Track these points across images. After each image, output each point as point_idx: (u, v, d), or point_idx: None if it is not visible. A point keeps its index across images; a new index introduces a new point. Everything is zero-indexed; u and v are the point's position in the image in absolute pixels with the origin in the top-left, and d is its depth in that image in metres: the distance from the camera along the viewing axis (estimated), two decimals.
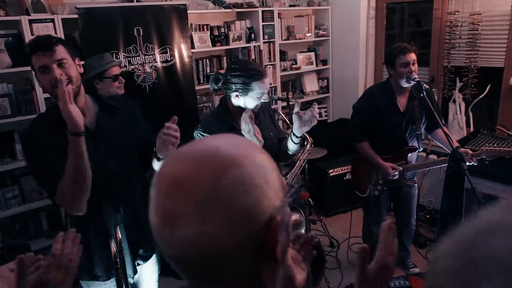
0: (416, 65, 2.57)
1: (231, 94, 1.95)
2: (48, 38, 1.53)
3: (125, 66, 3.11)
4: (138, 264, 1.87)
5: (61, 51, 1.52)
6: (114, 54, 2.99)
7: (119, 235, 1.53)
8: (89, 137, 1.62)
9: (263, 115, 2.15)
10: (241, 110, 1.99)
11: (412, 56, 2.56)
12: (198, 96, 3.79)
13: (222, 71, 2.06)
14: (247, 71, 1.90)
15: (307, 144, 2.32)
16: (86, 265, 1.78)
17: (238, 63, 2.02)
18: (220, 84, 2.03)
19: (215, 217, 0.53)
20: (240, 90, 1.91)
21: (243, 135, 1.99)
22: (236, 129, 1.99)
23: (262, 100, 1.96)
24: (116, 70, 2.48)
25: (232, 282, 0.58)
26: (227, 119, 2.02)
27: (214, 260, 0.55)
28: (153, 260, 1.97)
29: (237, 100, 1.96)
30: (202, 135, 1.96)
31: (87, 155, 1.48)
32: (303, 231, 2.20)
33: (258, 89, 1.90)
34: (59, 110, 1.48)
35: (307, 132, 2.15)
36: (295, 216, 2.07)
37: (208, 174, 0.54)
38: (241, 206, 0.54)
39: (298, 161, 2.30)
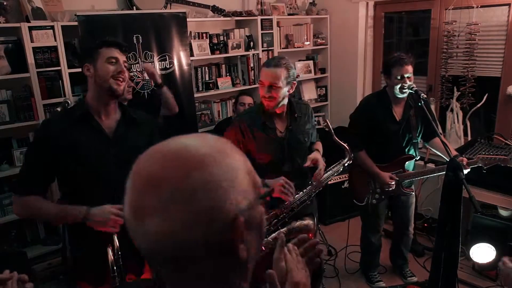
0: (412, 77, 2.59)
1: None
2: (125, 44, 1.75)
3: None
4: (130, 279, 1.84)
5: (126, 57, 1.75)
6: None
7: (117, 243, 1.52)
8: (104, 141, 1.66)
9: (304, 119, 2.27)
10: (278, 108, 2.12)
11: (409, 69, 2.57)
12: (197, 104, 3.80)
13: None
14: None
15: (346, 156, 2.31)
16: (85, 269, 1.78)
17: None
18: None
19: (175, 215, 0.55)
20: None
21: (276, 132, 2.15)
22: (268, 127, 2.14)
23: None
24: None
25: (197, 276, 0.60)
26: (262, 115, 2.14)
27: (172, 256, 0.58)
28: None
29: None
30: (233, 124, 2.16)
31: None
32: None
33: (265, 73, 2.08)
34: (86, 107, 1.68)
35: (348, 145, 2.23)
36: (306, 221, 2.10)
37: (174, 173, 0.56)
38: (201, 206, 0.56)
39: (330, 171, 2.29)
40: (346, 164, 2.29)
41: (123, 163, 1.67)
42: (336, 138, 2.20)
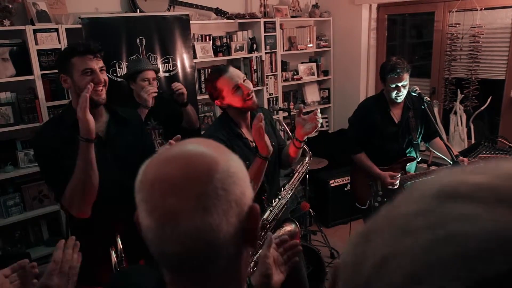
0: (407, 85, 2.57)
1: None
2: (97, 46, 1.66)
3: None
4: None
5: (102, 60, 1.68)
6: (117, 63, 3.02)
7: (120, 244, 1.53)
8: (97, 144, 1.67)
9: (265, 124, 2.14)
10: (240, 115, 2.01)
11: (404, 77, 2.53)
12: (200, 106, 3.81)
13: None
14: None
15: (306, 156, 2.31)
16: (88, 272, 1.79)
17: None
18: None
19: (215, 208, 0.58)
20: (215, 97, 1.93)
21: (250, 143, 2.03)
22: (243, 137, 2.02)
23: (248, 92, 1.91)
24: (151, 74, 2.61)
25: (218, 271, 0.63)
26: (233, 127, 2.01)
27: (213, 249, 0.59)
28: None
29: (225, 106, 1.95)
30: None
31: (95, 162, 1.56)
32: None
33: (228, 82, 1.89)
34: (75, 115, 1.59)
35: (307, 145, 2.16)
36: (289, 227, 2.04)
37: (201, 171, 0.59)
38: (233, 195, 0.60)
39: (297, 173, 2.28)
40: (308, 164, 2.25)
41: (118, 162, 1.69)
42: (294, 139, 2.18)
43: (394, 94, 2.58)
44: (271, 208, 1.99)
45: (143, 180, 0.61)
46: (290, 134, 2.18)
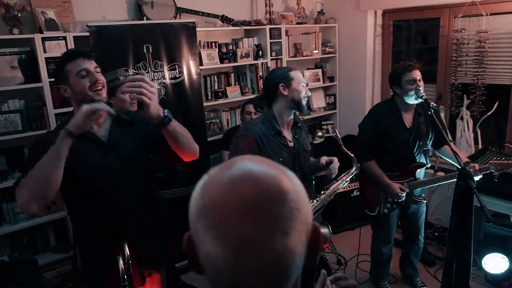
0: (422, 81, 2.59)
1: (279, 89, 2.13)
2: (85, 47, 1.70)
3: None
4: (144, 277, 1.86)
5: (95, 61, 1.69)
6: (124, 70, 3.03)
7: (127, 251, 1.53)
8: (101, 149, 1.67)
9: (302, 130, 2.30)
10: (287, 111, 2.17)
11: (417, 73, 2.57)
12: (206, 112, 3.82)
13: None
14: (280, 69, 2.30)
15: (353, 166, 2.33)
16: (95, 275, 1.80)
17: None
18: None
19: (292, 230, 0.54)
20: (283, 81, 2.13)
21: (288, 142, 2.17)
22: (282, 135, 2.16)
23: (307, 94, 2.20)
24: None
25: None
26: (274, 124, 2.15)
27: (287, 275, 0.55)
28: (157, 280, 1.96)
29: (285, 92, 2.13)
30: (246, 136, 2.13)
31: (64, 160, 1.48)
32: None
33: (298, 77, 2.18)
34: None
35: (355, 155, 2.34)
36: (323, 230, 2.05)
37: (274, 191, 0.54)
38: (304, 215, 0.56)
39: (340, 180, 2.30)
40: (353, 174, 2.31)
41: (124, 165, 1.70)
42: (344, 148, 2.22)
43: (414, 92, 2.55)
44: None
45: (206, 205, 0.55)
46: (341, 142, 2.27)
